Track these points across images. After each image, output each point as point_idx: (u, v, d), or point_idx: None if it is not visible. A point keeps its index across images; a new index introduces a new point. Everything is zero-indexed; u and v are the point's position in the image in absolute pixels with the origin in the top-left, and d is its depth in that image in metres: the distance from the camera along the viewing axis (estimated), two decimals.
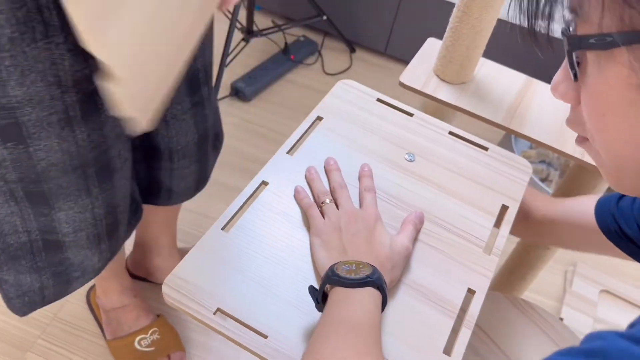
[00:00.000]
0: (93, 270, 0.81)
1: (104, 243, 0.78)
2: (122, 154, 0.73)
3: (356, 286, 0.53)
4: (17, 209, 0.68)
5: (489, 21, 0.84)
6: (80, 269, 0.79)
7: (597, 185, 0.92)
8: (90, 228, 0.74)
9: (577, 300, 1.38)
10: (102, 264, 0.81)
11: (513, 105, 0.91)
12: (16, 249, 0.73)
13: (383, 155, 0.75)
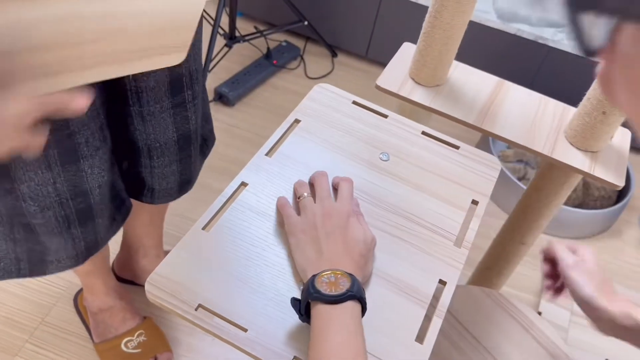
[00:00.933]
0: (69, 257, 0.82)
1: (74, 228, 0.80)
2: (90, 142, 0.74)
3: (338, 302, 0.55)
4: None
5: (460, 26, 0.87)
6: (56, 255, 0.81)
7: (566, 181, 0.96)
8: (57, 207, 0.76)
9: None
10: (78, 252, 0.83)
11: (485, 106, 0.94)
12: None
13: (359, 155, 0.78)
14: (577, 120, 0.89)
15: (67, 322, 1.21)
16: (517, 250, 1.10)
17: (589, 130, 0.87)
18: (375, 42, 1.94)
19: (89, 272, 1.09)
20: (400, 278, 0.65)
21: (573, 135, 0.90)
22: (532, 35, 1.69)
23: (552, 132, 0.92)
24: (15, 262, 0.82)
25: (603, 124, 0.86)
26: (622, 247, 1.63)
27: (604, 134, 0.88)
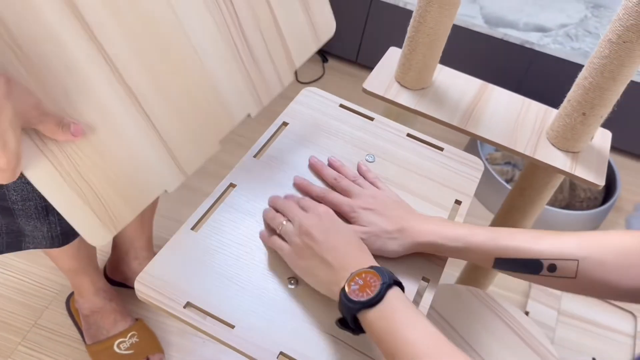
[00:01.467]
0: (44, 238, 0.84)
1: (52, 216, 0.82)
2: None
3: (381, 299, 0.54)
4: None
5: (443, 30, 0.90)
6: (32, 234, 0.83)
7: (549, 182, 0.98)
8: (38, 199, 0.78)
9: (541, 294, 1.44)
10: (54, 235, 0.85)
11: (469, 108, 0.96)
12: None
13: (345, 156, 0.80)
14: (558, 122, 0.91)
15: (60, 325, 1.22)
16: None
17: (570, 131, 0.89)
18: (365, 47, 1.97)
19: (75, 269, 1.09)
20: None
21: (554, 136, 0.92)
22: (519, 40, 1.72)
23: (534, 133, 0.94)
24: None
25: (583, 125, 0.88)
26: None
27: (584, 135, 0.90)
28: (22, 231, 0.84)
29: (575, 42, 1.76)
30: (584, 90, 0.85)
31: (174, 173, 0.64)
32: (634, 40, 0.77)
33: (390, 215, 0.68)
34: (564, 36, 1.77)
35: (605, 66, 0.81)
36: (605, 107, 0.86)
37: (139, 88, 0.58)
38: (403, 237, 0.67)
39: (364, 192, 0.71)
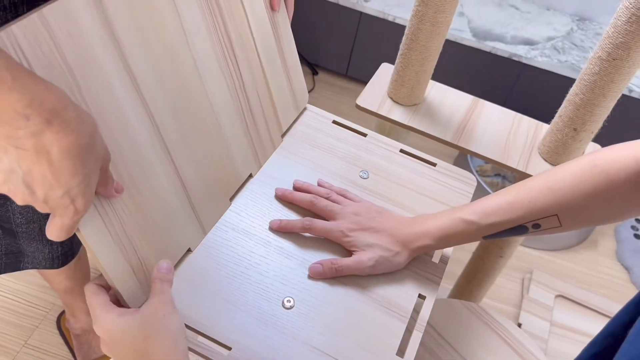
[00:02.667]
0: (44, 259, 0.84)
1: None
2: None
3: None
4: None
5: (435, 48, 0.91)
6: (32, 257, 0.82)
7: None
8: (43, 221, 0.77)
9: (534, 305, 1.45)
10: (54, 256, 0.84)
11: (461, 124, 0.97)
12: None
13: (339, 173, 0.80)
14: (549, 137, 0.92)
15: (50, 345, 1.20)
16: (496, 264, 1.12)
17: (561, 146, 0.90)
18: (355, 60, 1.98)
19: (70, 289, 1.08)
20: (380, 294, 0.67)
21: (546, 151, 0.93)
22: (507, 53, 1.74)
23: (526, 148, 0.95)
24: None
25: (574, 140, 0.89)
26: (597, 258, 1.67)
27: (576, 150, 0.91)
28: (22, 252, 0.83)
29: (562, 54, 1.78)
30: (575, 106, 0.86)
31: (196, 230, 0.66)
32: (624, 57, 0.78)
33: (382, 229, 0.69)
34: (551, 49, 1.79)
35: (595, 83, 0.82)
36: (596, 122, 0.87)
37: (172, 146, 0.61)
38: (403, 248, 0.68)
39: (345, 210, 0.71)
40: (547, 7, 1.97)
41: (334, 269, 0.66)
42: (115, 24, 0.51)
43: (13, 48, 0.41)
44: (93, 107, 0.49)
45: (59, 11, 0.45)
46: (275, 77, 0.78)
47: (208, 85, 0.65)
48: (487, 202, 0.65)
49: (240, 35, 0.69)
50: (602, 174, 0.58)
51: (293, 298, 0.64)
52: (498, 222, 0.63)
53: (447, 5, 0.84)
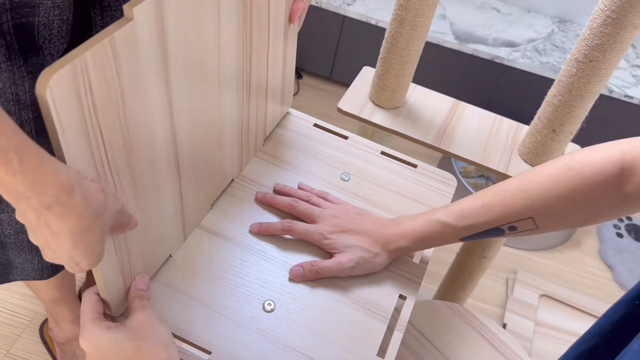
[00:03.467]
0: (33, 270, 0.83)
1: None
2: None
3: None
4: None
5: (415, 51, 0.91)
6: (21, 268, 0.82)
7: None
8: None
9: (518, 305, 1.46)
10: (44, 267, 0.83)
11: (442, 127, 0.98)
12: None
13: (320, 176, 0.80)
14: (529, 138, 0.93)
15: (33, 354, 1.19)
16: (479, 264, 1.13)
17: (541, 147, 0.91)
18: (339, 63, 1.99)
19: (56, 299, 1.08)
20: (361, 295, 0.67)
21: (526, 152, 0.94)
22: (489, 55, 1.76)
23: (506, 150, 0.96)
24: None
25: (554, 141, 0.90)
26: (581, 257, 1.69)
27: (555, 151, 0.92)
28: (11, 263, 0.82)
29: (544, 56, 1.80)
30: (553, 108, 0.87)
31: (179, 237, 0.66)
32: (600, 59, 0.79)
33: (361, 230, 0.69)
34: (532, 51, 1.81)
35: (573, 84, 0.83)
36: (575, 123, 0.88)
37: (183, 162, 0.61)
38: (382, 249, 0.68)
39: (325, 213, 0.71)
40: (528, 9, 1.99)
41: (315, 271, 0.66)
42: (170, 52, 0.51)
43: (82, 74, 0.41)
44: (131, 126, 0.49)
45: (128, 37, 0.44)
46: (273, 83, 0.78)
47: (224, 103, 0.65)
48: (464, 204, 0.65)
49: (259, 44, 0.68)
50: (578, 176, 0.58)
51: (273, 301, 0.64)
52: (474, 224, 0.64)
53: (426, 9, 0.85)
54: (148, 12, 0.46)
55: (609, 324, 0.54)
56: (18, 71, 0.58)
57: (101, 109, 0.44)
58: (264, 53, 0.71)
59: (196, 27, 0.54)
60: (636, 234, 1.77)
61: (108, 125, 0.46)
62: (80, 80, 0.41)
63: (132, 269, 0.58)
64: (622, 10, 0.74)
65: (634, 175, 0.55)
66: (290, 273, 0.67)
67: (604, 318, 0.56)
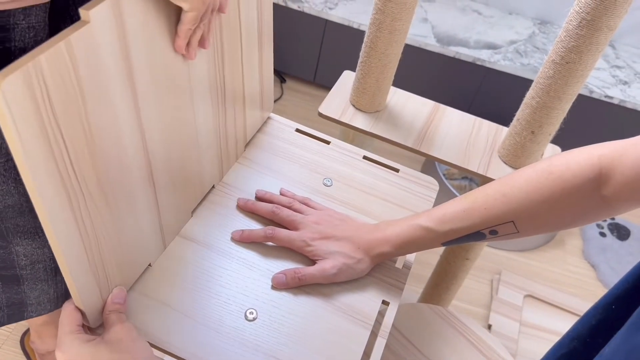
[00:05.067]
0: (49, 301, 0.82)
1: (60, 275, 0.79)
2: None
3: None
4: None
5: (394, 55, 0.91)
6: (36, 303, 0.80)
7: None
8: (48, 261, 0.75)
9: (503, 306, 1.47)
10: (59, 295, 0.82)
11: (422, 130, 0.98)
12: None
13: (303, 181, 0.80)
14: (508, 140, 0.94)
15: None
16: (463, 266, 1.13)
17: (520, 148, 0.92)
18: (322, 67, 1.99)
19: (47, 321, 1.07)
20: (344, 301, 0.67)
21: (506, 154, 0.95)
22: (470, 57, 1.77)
23: (486, 152, 0.97)
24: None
25: (532, 142, 0.91)
26: (565, 257, 1.71)
27: (534, 152, 0.93)
28: (25, 301, 0.80)
29: (525, 58, 1.82)
30: (531, 110, 0.88)
31: (158, 246, 0.66)
32: (576, 60, 0.80)
33: (343, 237, 0.69)
34: (513, 52, 1.83)
35: (550, 86, 0.84)
36: (553, 125, 0.89)
37: (157, 172, 0.60)
38: (365, 255, 0.68)
39: (307, 219, 0.71)
40: (509, 11, 2.01)
41: (297, 278, 0.66)
42: (133, 58, 0.50)
43: (37, 78, 0.40)
44: (96, 135, 0.48)
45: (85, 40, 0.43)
46: (250, 90, 0.78)
47: (197, 112, 0.65)
48: (445, 209, 0.66)
49: (231, 53, 0.68)
50: (557, 180, 0.59)
51: (256, 310, 0.64)
52: (455, 229, 0.64)
53: (404, 13, 0.85)
54: (106, 16, 0.45)
55: (586, 328, 0.55)
56: None
57: (62, 116, 0.43)
58: (238, 61, 0.70)
59: (161, 35, 0.53)
60: (619, 233, 1.79)
61: (71, 134, 0.45)
62: (35, 85, 0.40)
63: (108, 279, 0.57)
64: (597, 13, 0.75)
65: (611, 179, 0.56)
66: (273, 281, 0.67)
67: (582, 322, 0.56)
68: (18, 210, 0.66)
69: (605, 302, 0.53)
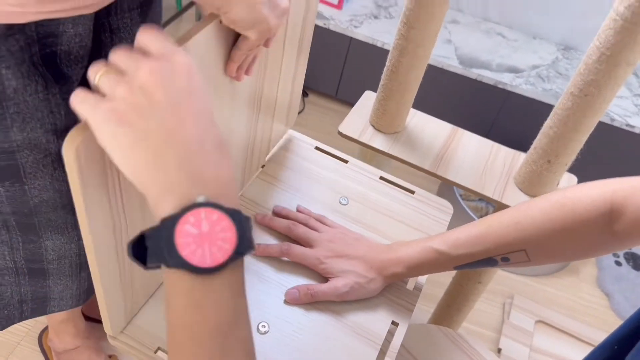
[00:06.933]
0: (71, 298, 0.85)
1: (84, 271, 0.83)
2: None
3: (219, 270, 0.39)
4: (7, 237, 0.72)
5: (415, 80, 0.93)
6: (59, 298, 0.83)
7: None
8: (74, 257, 0.78)
9: (514, 330, 1.47)
10: (81, 292, 0.85)
11: (440, 152, 1.00)
12: (1, 268, 0.77)
13: (319, 199, 0.82)
14: (524, 168, 0.95)
15: None
16: (475, 289, 1.14)
17: (536, 177, 0.93)
18: (344, 83, 2.01)
19: (65, 319, 1.10)
20: (354, 320, 0.68)
21: (521, 181, 0.96)
22: (492, 80, 1.78)
23: (502, 177, 0.98)
24: (19, 306, 0.84)
25: (548, 171, 0.92)
26: (579, 284, 1.70)
27: (550, 181, 0.94)
28: (48, 295, 0.84)
29: (547, 83, 1.82)
30: (549, 139, 0.89)
31: None
32: (595, 94, 0.81)
33: (357, 256, 0.71)
34: (535, 77, 1.84)
35: (568, 117, 0.85)
36: (569, 155, 0.90)
37: None
38: (377, 275, 0.70)
39: (322, 237, 0.73)
40: (533, 36, 2.02)
41: (310, 295, 0.68)
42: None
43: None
44: None
45: None
46: (281, 101, 0.80)
47: (234, 118, 0.67)
48: (459, 233, 0.67)
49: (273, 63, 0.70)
50: (570, 212, 0.60)
51: (268, 323, 0.66)
52: (468, 254, 0.65)
53: (427, 40, 0.87)
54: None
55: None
56: (54, 99, 0.60)
57: None
58: (277, 72, 0.73)
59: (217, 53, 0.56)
60: (635, 263, 1.78)
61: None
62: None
63: (132, 286, 0.60)
64: (617, 48, 0.76)
65: (622, 215, 0.57)
66: (286, 296, 0.69)
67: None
68: (52, 205, 0.70)
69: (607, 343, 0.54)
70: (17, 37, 0.54)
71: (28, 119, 0.59)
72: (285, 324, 0.66)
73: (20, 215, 0.69)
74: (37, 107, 0.59)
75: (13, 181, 0.64)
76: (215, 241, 0.37)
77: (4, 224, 0.71)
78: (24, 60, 0.56)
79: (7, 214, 0.69)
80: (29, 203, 0.68)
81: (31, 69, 0.57)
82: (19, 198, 0.67)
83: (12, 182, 0.64)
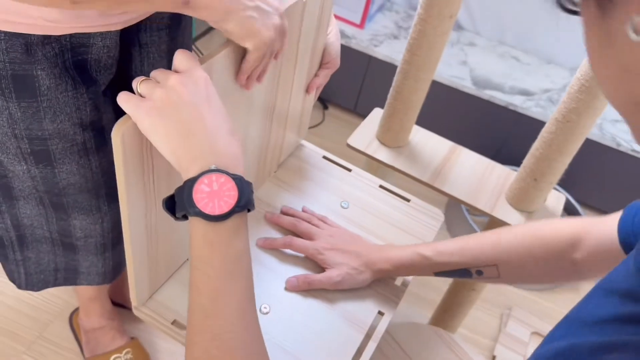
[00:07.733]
0: (97, 275, 0.96)
1: (107, 252, 0.94)
2: None
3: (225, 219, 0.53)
4: (44, 211, 0.84)
5: (417, 100, 1.03)
6: (87, 272, 0.95)
7: None
8: (99, 237, 0.90)
9: (510, 340, 1.54)
10: (106, 271, 0.97)
11: (439, 167, 1.09)
12: (40, 237, 0.90)
13: (323, 202, 0.92)
14: (514, 184, 1.04)
15: (62, 338, 1.33)
16: (468, 296, 1.23)
17: (524, 193, 1.02)
18: (363, 98, 2.12)
19: (93, 297, 1.22)
20: (345, 307, 0.79)
21: (511, 196, 1.05)
22: (504, 102, 1.87)
23: (494, 193, 1.07)
24: (54, 273, 0.96)
25: (535, 189, 1.01)
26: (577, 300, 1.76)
27: (537, 198, 1.02)
28: (78, 268, 0.96)
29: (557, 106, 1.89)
30: (535, 159, 0.98)
31: None
32: (575, 120, 0.90)
33: (351, 250, 0.81)
34: (546, 100, 1.91)
35: (552, 140, 0.94)
36: (554, 175, 0.99)
37: None
38: (367, 268, 0.80)
39: (323, 233, 0.83)
40: (547, 60, 2.10)
41: (307, 283, 0.78)
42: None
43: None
44: None
45: None
46: (293, 113, 0.90)
47: (250, 126, 0.77)
48: (446, 244, 0.77)
49: (286, 75, 0.79)
50: (539, 240, 0.71)
51: (269, 305, 0.76)
52: (447, 262, 0.75)
53: (428, 66, 0.97)
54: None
55: None
56: (81, 98, 0.72)
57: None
58: (289, 85, 0.82)
59: (231, 65, 0.65)
60: None
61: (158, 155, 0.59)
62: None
63: (158, 266, 0.71)
64: (595, 81, 0.85)
65: (582, 244, 0.67)
66: (286, 283, 0.79)
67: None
68: (78, 189, 0.81)
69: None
70: (53, 45, 0.66)
71: (58, 112, 0.71)
72: (285, 307, 0.77)
73: (52, 195, 0.81)
74: (66, 103, 0.71)
75: (45, 164, 0.76)
76: (222, 197, 0.50)
77: (41, 201, 0.82)
78: (57, 64, 0.67)
79: (42, 192, 0.81)
80: (59, 184, 0.79)
81: (63, 71, 0.68)
82: (50, 179, 0.78)
83: (45, 165, 0.76)
